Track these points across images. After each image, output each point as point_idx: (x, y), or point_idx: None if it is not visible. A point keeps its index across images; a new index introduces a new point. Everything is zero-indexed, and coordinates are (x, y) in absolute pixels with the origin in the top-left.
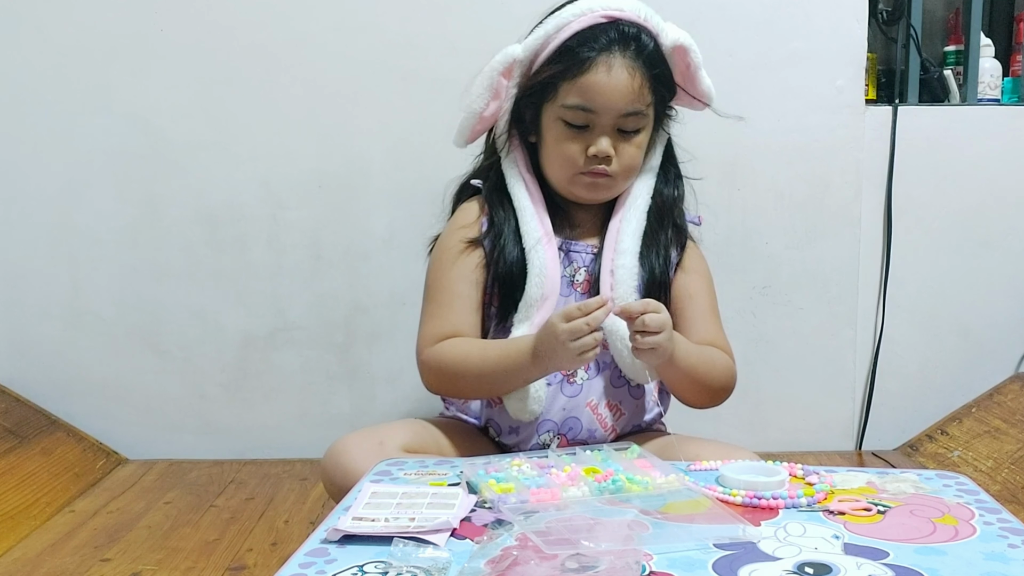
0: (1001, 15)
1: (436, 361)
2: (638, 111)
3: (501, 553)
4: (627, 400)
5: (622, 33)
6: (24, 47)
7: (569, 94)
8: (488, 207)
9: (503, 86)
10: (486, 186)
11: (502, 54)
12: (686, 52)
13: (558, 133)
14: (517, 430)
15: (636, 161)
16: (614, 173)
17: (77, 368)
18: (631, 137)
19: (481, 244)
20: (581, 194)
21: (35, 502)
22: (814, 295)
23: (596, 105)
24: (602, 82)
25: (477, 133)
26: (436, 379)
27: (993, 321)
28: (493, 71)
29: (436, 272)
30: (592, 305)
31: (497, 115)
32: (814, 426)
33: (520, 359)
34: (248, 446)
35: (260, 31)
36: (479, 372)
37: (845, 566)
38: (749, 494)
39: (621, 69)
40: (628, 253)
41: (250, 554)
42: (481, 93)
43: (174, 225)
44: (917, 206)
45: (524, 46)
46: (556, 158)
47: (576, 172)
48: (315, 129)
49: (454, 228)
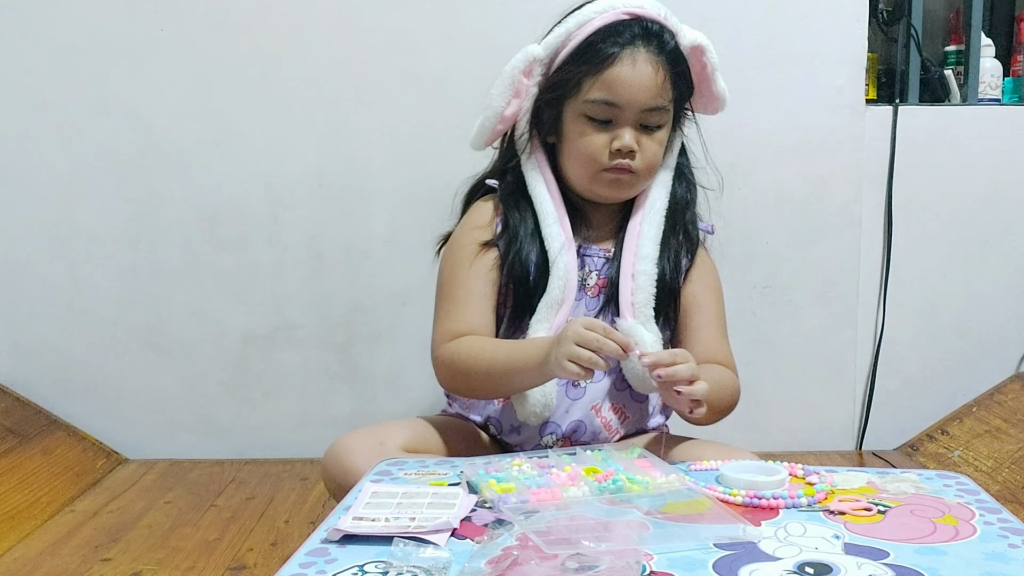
0: (1001, 15)
1: (450, 358)
2: (661, 106)
3: (501, 553)
4: (630, 404)
5: (645, 29)
6: (24, 47)
7: (593, 89)
8: (503, 208)
9: (524, 85)
10: (502, 187)
11: (523, 53)
12: (703, 53)
13: (581, 129)
14: (519, 429)
15: (658, 158)
16: (637, 169)
17: (77, 368)
18: (653, 133)
19: (496, 245)
20: (603, 192)
21: (35, 502)
22: (814, 295)
23: (621, 99)
24: (627, 75)
25: (497, 134)
26: (450, 376)
27: (993, 321)
28: (514, 70)
29: (451, 270)
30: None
31: (517, 115)
32: (814, 426)
33: (530, 359)
34: (248, 446)
35: (260, 31)
36: (488, 370)
37: (845, 566)
38: (749, 494)
39: (645, 63)
40: (649, 259)
41: (250, 554)
42: (502, 92)
43: (174, 224)
44: (917, 206)
45: (544, 45)
46: (579, 155)
47: (599, 169)
48: (315, 129)
49: (468, 228)
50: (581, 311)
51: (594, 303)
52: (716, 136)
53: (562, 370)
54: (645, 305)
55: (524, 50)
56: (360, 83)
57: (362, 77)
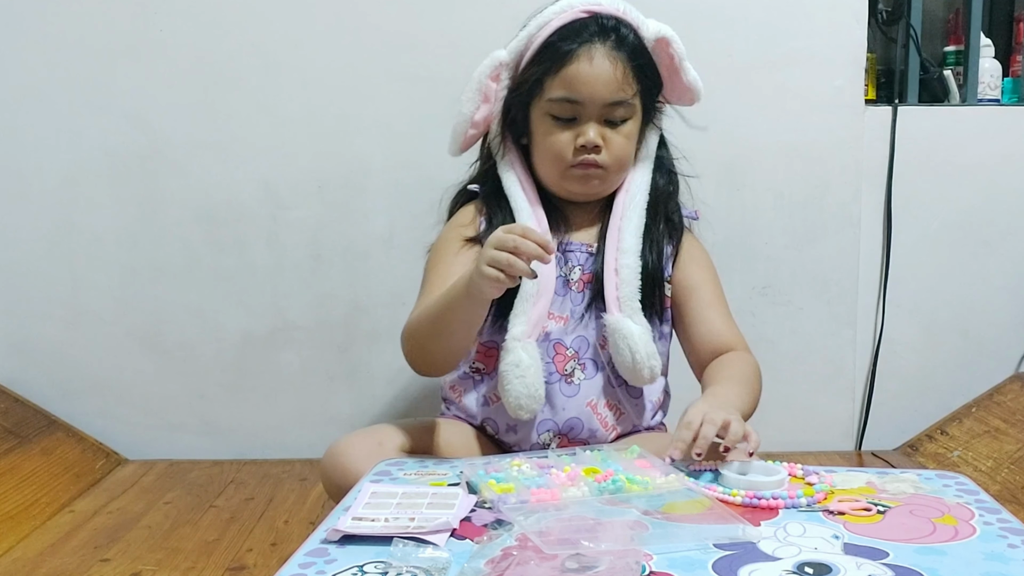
0: (1001, 15)
1: (406, 332)
2: (623, 100)
3: (501, 553)
4: (626, 399)
5: (601, 25)
6: (24, 47)
7: (554, 87)
8: (486, 209)
9: (492, 90)
10: (484, 190)
11: (489, 58)
12: (668, 44)
13: (547, 128)
14: (515, 428)
15: (626, 152)
16: (605, 164)
17: (77, 368)
18: (619, 127)
19: (479, 242)
20: (574, 188)
21: (35, 502)
22: (814, 295)
23: (581, 95)
24: (584, 72)
25: (470, 140)
26: (409, 348)
27: (993, 321)
28: (482, 76)
29: (432, 263)
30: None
31: (489, 120)
32: (814, 426)
33: (456, 287)
34: (248, 446)
35: (260, 31)
36: (429, 319)
37: (845, 566)
38: (749, 494)
39: (603, 58)
40: (631, 252)
41: (250, 554)
42: (471, 98)
43: (174, 225)
44: (917, 206)
45: (509, 49)
46: (546, 153)
47: (567, 166)
48: (315, 129)
49: (453, 226)
50: (567, 307)
51: (579, 298)
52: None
53: (484, 279)
54: (631, 299)
55: (490, 55)
56: (360, 83)
57: (362, 77)
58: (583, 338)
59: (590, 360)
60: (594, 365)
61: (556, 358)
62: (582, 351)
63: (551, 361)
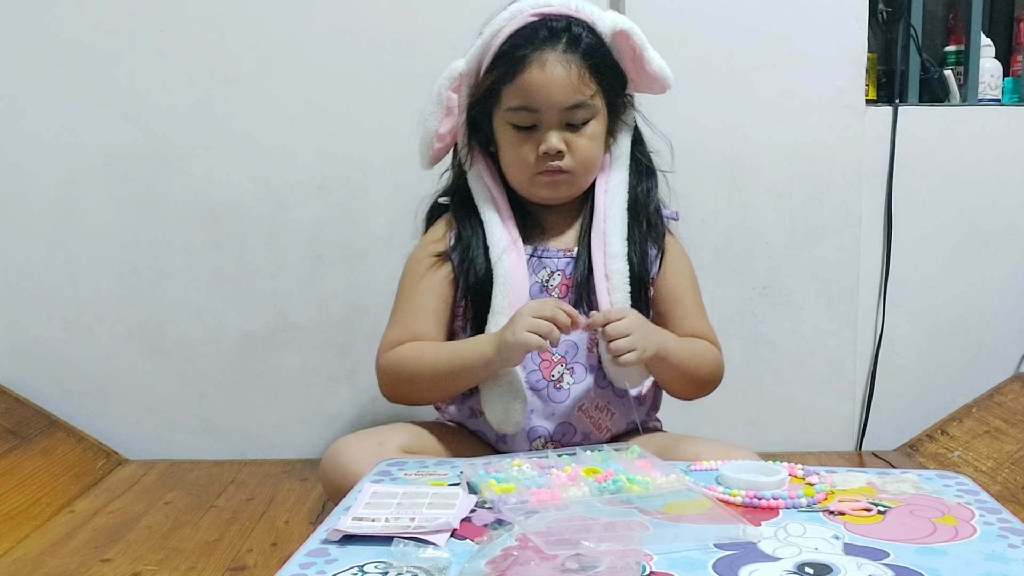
0: (1001, 15)
1: (391, 365)
2: (581, 103)
3: (501, 553)
4: (614, 400)
5: (551, 29)
6: (24, 47)
7: (510, 97)
8: (456, 222)
9: (454, 101)
10: (453, 201)
11: (447, 70)
12: (628, 36)
13: (509, 137)
14: (504, 438)
15: (591, 153)
16: (571, 168)
17: (77, 368)
18: (581, 129)
19: (449, 258)
20: (544, 195)
21: (35, 502)
22: (814, 295)
23: (537, 103)
24: (538, 79)
25: (438, 153)
26: (393, 383)
27: (993, 321)
28: (442, 88)
29: (404, 283)
30: (568, 308)
31: (454, 131)
32: (814, 426)
33: (475, 353)
34: (248, 446)
35: (260, 31)
36: (432, 371)
37: (845, 566)
38: (749, 494)
39: (555, 63)
40: (619, 257)
41: (250, 554)
42: (433, 111)
43: (174, 225)
44: (917, 206)
45: (467, 59)
46: (512, 163)
47: (532, 174)
48: (315, 129)
49: (424, 243)
50: None
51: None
52: (716, 136)
53: (523, 344)
54: (623, 303)
55: (449, 67)
56: (360, 83)
57: (362, 77)
58: (571, 342)
59: (579, 364)
60: (583, 368)
61: (542, 364)
62: (570, 355)
63: (537, 368)
